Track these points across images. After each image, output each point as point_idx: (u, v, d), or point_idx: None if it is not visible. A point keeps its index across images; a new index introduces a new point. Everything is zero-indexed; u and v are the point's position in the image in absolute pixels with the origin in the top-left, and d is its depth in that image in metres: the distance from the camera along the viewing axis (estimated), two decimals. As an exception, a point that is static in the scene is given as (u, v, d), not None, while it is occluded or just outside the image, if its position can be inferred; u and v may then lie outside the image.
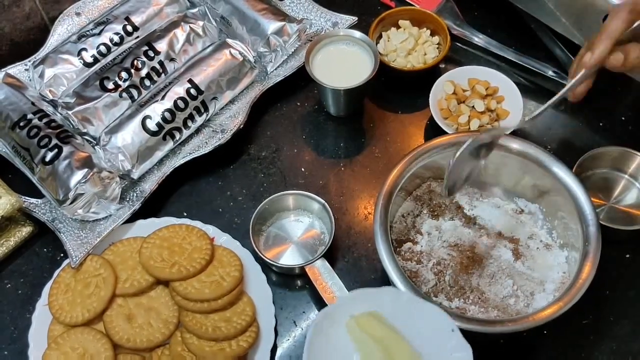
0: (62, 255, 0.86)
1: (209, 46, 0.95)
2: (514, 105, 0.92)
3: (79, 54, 0.93)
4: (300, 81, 0.98)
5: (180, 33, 0.95)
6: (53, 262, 0.85)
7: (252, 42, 0.96)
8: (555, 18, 0.93)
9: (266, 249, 0.85)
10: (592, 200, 0.75)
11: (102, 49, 0.94)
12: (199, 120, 0.91)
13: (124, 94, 0.90)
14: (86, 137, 0.89)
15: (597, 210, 0.77)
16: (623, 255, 0.84)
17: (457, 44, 1.03)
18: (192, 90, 0.90)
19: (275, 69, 0.97)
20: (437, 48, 1.00)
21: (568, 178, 0.76)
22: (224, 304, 0.77)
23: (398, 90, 1.00)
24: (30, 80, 0.95)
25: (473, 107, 0.93)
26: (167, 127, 0.88)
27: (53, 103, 0.91)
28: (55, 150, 0.83)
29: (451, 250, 0.80)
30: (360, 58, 0.94)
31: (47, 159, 0.83)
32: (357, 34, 0.94)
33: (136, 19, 0.97)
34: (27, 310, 0.81)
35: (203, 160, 0.90)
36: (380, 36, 1.01)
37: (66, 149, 0.83)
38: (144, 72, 0.92)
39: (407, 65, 0.98)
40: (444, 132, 0.89)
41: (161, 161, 0.90)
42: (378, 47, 0.98)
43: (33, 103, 0.88)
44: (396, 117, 0.98)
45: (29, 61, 0.96)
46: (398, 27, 1.01)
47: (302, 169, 0.93)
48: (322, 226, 0.86)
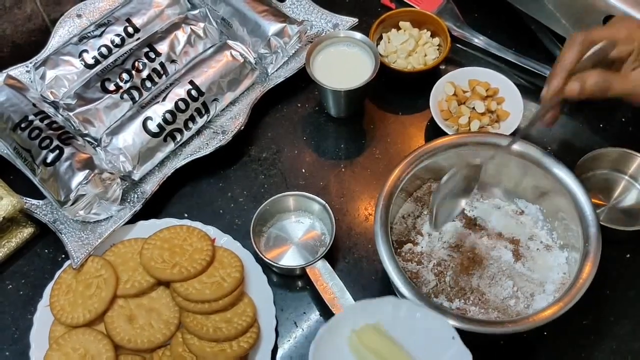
0: (63, 256, 0.86)
1: (209, 48, 0.95)
2: (514, 107, 0.92)
3: (80, 55, 0.93)
4: (301, 82, 0.98)
5: (181, 35, 0.95)
6: (54, 263, 0.85)
7: (253, 44, 0.96)
8: (555, 19, 0.93)
9: (267, 250, 0.85)
10: (592, 201, 0.75)
11: (103, 50, 0.94)
12: (200, 121, 0.92)
13: (125, 96, 0.91)
14: (87, 139, 0.89)
15: (597, 211, 0.77)
16: (623, 255, 0.84)
17: (458, 45, 1.03)
18: (193, 92, 0.90)
19: (276, 70, 0.98)
20: (438, 49, 1.00)
21: (568, 179, 0.76)
22: (224, 304, 0.77)
23: (398, 92, 1.00)
24: (31, 81, 0.95)
25: (473, 108, 0.93)
26: (168, 128, 0.88)
27: (54, 104, 0.91)
28: (57, 151, 0.83)
29: (451, 251, 0.80)
30: (360, 59, 0.94)
31: (49, 160, 0.83)
32: (358, 35, 0.94)
33: (137, 21, 0.97)
34: (28, 311, 0.81)
35: (204, 161, 0.90)
36: (380, 37, 1.01)
37: (67, 150, 0.83)
38: (145, 73, 0.92)
39: (407, 66, 0.98)
40: (444, 134, 0.89)
41: (162, 162, 0.90)
42: (378, 49, 0.98)
43: (34, 104, 0.88)
44: (397, 119, 0.98)
45: (30, 63, 0.96)
46: (398, 28, 1.01)
47: (303, 170, 0.93)
48: (322, 227, 0.87)
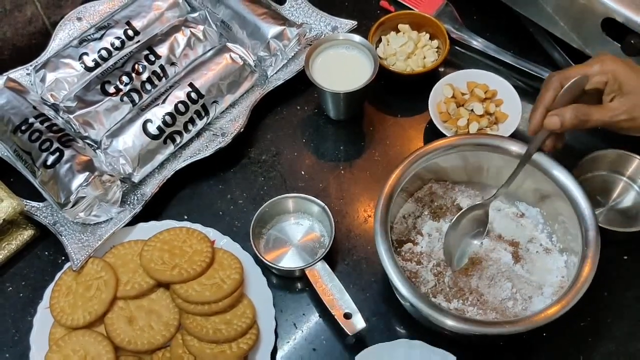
0: (63, 258, 0.86)
1: (209, 50, 0.95)
2: (513, 109, 0.93)
3: (80, 58, 0.94)
4: (300, 85, 0.98)
5: (180, 37, 0.95)
6: (54, 265, 0.85)
7: (253, 46, 0.96)
8: (553, 22, 0.93)
9: (266, 251, 0.85)
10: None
11: (103, 53, 0.95)
12: (200, 123, 0.92)
13: (125, 98, 0.91)
14: (87, 141, 0.89)
15: (596, 212, 0.77)
16: (621, 256, 0.84)
17: (456, 47, 1.03)
18: (193, 94, 0.90)
19: (276, 72, 0.98)
20: (437, 52, 1.00)
21: (568, 182, 0.76)
22: (224, 306, 0.78)
23: (397, 94, 1.00)
24: (31, 84, 0.95)
25: (472, 110, 0.93)
26: (168, 130, 0.88)
27: (54, 107, 0.91)
28: (57, 153, 0.83)
29: (451, 252, 0.80)
30: (359, 62, 0.94)
31: (49, 162, 0.83)
32: (357, 38, 0.94)
33: (137, 24, 0.97)
34: (28, 313, 0.82)
35: (204, 163, 0.90)
36: (379, 40, 1.01)
37: (67, 153, 0.84)
38: (144, 76, 0.92)
39: (406, 69, 0.98)
40: (443, 136, 0.89)
41: (162, 164, 0.90)
42: (377, 51, 0.98)
43: (34, 107, 0.89)
44: (396, 121, 0.98)
45: (31, 65, 0.96)
46: (397, 31, 1.01)
47: (302, 172, 0.93)
48: (322, 229, 0.87)
